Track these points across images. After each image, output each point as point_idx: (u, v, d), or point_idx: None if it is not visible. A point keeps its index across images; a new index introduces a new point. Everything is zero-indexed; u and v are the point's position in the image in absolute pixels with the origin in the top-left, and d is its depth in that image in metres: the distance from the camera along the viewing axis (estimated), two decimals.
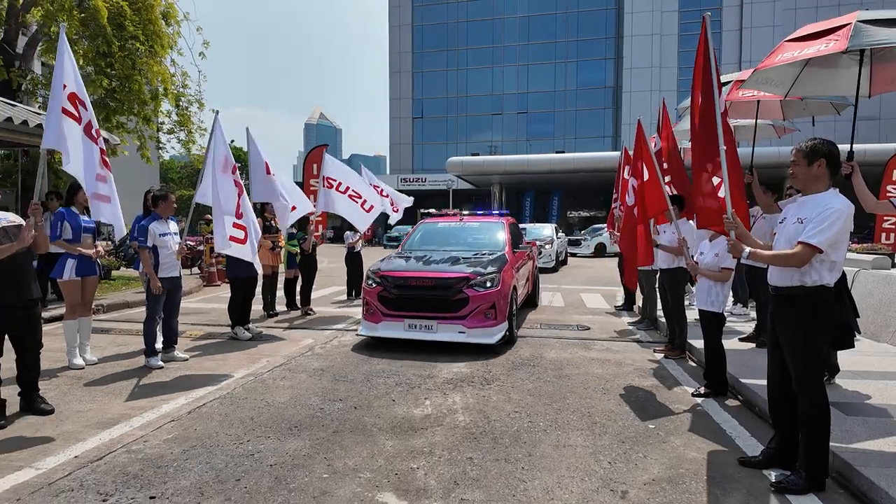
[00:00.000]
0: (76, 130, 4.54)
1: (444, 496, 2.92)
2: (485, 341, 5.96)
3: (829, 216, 2.78)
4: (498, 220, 8.33)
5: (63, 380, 5.07)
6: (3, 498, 2.87)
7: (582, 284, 13.41)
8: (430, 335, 6.06)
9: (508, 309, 6.30)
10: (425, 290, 6.16)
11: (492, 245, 7.52)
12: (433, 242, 7.91)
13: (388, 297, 6.30)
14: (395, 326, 6.22)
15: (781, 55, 4.07)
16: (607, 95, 46.92)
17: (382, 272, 6.46)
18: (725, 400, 4.55)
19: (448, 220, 8.64)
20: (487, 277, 6.13)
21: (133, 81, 11.91)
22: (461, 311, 6.01)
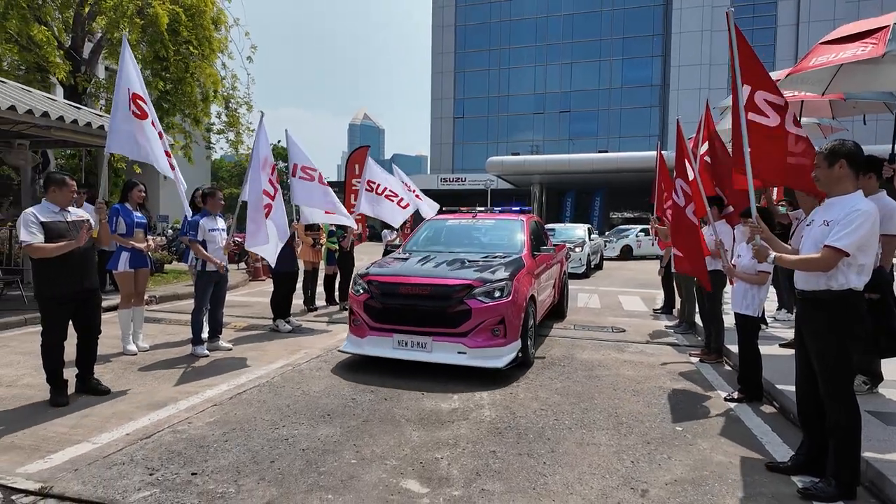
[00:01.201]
0: (145, 126, 4.88)
1: (465, 486, 3.01)
2: (490, 365, 4.88)
3: (855, 218, 2.73)
4: (516, 218, 7.20)
5: (117, 364, 5.44)
6: (63, 468, 3.15)
7: (621, 286, 13.20)
8: (423, 355, 5.02)
9: (523, 324, 5.22)
10: (419, 300, 5.10)
11: (507, 246, 6.42)
12: (440, 242, 6.88)
13: (375, 307, 5.24)
14: (382, 343, 5.20)
15: (816, 59, 3.95)
16: (654, 94, 45.78)
17: (370, 276, 5.41)
18: (760, 406, 4.45)
19: (459, 218, 7.54)
20: (496, 286, 5.06)
21: (186, 84, 12.53)
22: (462, 326, 4.95)
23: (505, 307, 5.00)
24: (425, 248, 6.64)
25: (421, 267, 5.52)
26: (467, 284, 5.04)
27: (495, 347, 4.96)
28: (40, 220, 4.11)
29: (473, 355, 4.92)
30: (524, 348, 5.25)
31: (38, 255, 4.08)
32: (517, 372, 5.31)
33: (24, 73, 12.11)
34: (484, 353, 4.93)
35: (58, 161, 14.17)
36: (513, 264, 5.56)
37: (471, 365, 4.89)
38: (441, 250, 6.41)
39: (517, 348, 5.11)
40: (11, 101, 7.37)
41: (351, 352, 5.39)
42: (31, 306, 7.84)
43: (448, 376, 5.11)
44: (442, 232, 7.22)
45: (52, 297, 4.19)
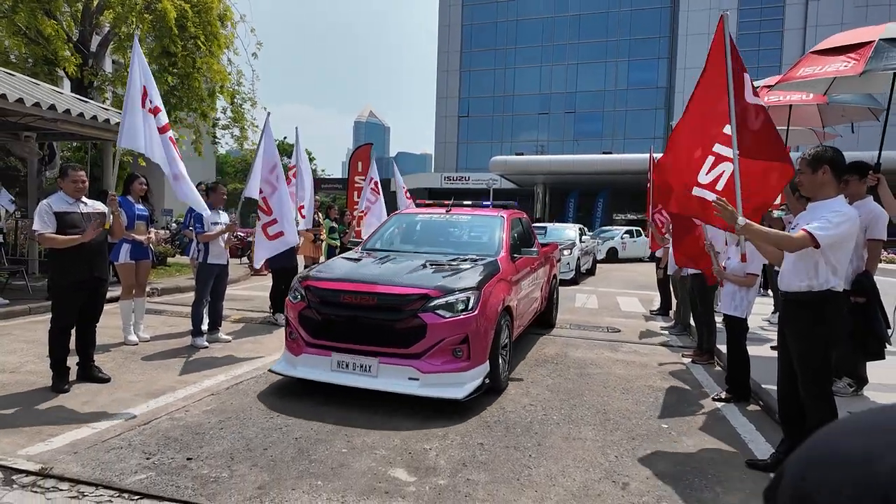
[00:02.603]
0: (152, 121, 4.96)
1: (451, 475, 3.10)
2: (446, 395, 3.96)
3: (836, 218, 2.81)
4: (496, 214, 6.12)
5: (118, 353, 5.56)
6: (63, 451, 3.26)
7: (620, 288, 13.26)
8: (366, 380, 4.10)
9: (493, 343, 4.35)
10: (364, 312, 4.20)
11: (482, 247, 5.52)
12: (404, 241, 5.97)
13: (313, 319, 4.34)
14: (318, 363, 4.30)
15: (804, 69, 4.03)
16: (659, 96, 45.72)
17: (309, 281, 4.52)
18: (747, 406, 4.52)
19: (430, 212, 6.44)
20: (459, 296, 4.16)
21: (193, 79, 12.65)
22: (415, 345, 4.04)
23: (469, 323, 4.10)
24: (387, 248, 5.69)
25: (372, 271, 4.63)
26: (422, 294, 4.12)
27: (455, 373, 4.05)
28: (54, 211, 4.24)
29: (427, 383, 4.00)
30: (493, 372, 4.35)
31: (47, 244, 4.22)
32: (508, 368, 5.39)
33: (32, 66, 12.25)
34: (440, 380, 4.02)
35: (64, 153, 14.31)
36: (485, 269, 4.66)
37: (422, 395, 3.97)
38: (404, 250, 5.60)
39: (484, 373, 4.22)
40: (19, 93, 7.49)
41: (282, 373, 4.46)
42: (35, 296, 7.97)
43: None
44: (408, 228, 6.26)
45: (65, 285, 4.35)
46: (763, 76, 5.52)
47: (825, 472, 0.40)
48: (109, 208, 4.62)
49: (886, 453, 0.38)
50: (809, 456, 0.43)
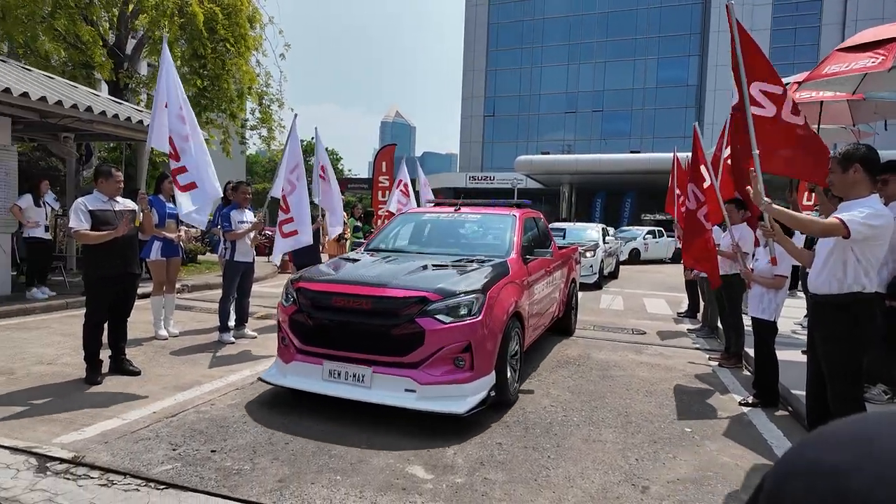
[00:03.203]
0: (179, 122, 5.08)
1: (468, 473, 3.11)
2: (446, 410, 3.62)
3: (873, 215, 2.71)
4: (507, 213, 5.73)
5: (149, 348, 5.73)
6: (94, 440, 3.38)
7: (647, 289, 13.05)
8: (359, 391, 3.79)
9: (500, 351, 3.98)
10: (357, 316, 3.89)
11: (491, 248, 5.21)
12: (410, 241, 5.73)
13: (304, 324, 4.04)
14: (309, 372, 4.01)
15: (830, 67, 3.91)
16: (689, 94, 44.79)
17: (301, 283, 4.24)
18: (775, 411, 4.41)
19: (438, 212, 6.16)
20: (461, 300, 3.83)
21: (223, 81, 12.92)
22: (412, 353, 3.71)
23: (473, 329, 3.76)
24: (391, 248, 5.48)
25: (368, 272, 4.33)
26: (420, 297, 3.78)
27: (456, 384, 3.71)
28: (89, 209, 4.42)
29: (425, 395, 3.67)
30: (500, 384, 3.99)
31: (82, 240, 4.42)
32: (529, 370, 5.37)
33: (71, 70, 12.71)
34: (440, 393, 3.68)
35: (100, 153, 14.81)
36: (492, 271, 4.33)
37: (420, 409, 3.63)
38: (408, 251, 5.34)
39: (489, 385, 3.86)
40: (59, 95, 7.79)
41: (271, 382, 4.15)
42: (72, 291, 8.28)
43: None
44: (414, 228, 5.96)
45: (98, 279, 4.53)
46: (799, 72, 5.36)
47: (798, 484, 0.40)
48: (139, 206, 4.77)
49: (858, 465, 0.37)
50: (784, 468, 0.43)
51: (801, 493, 0.39)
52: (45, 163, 15.12)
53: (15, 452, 3.15)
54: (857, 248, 2.77)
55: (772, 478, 0.44)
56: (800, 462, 0.42)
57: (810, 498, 0.39)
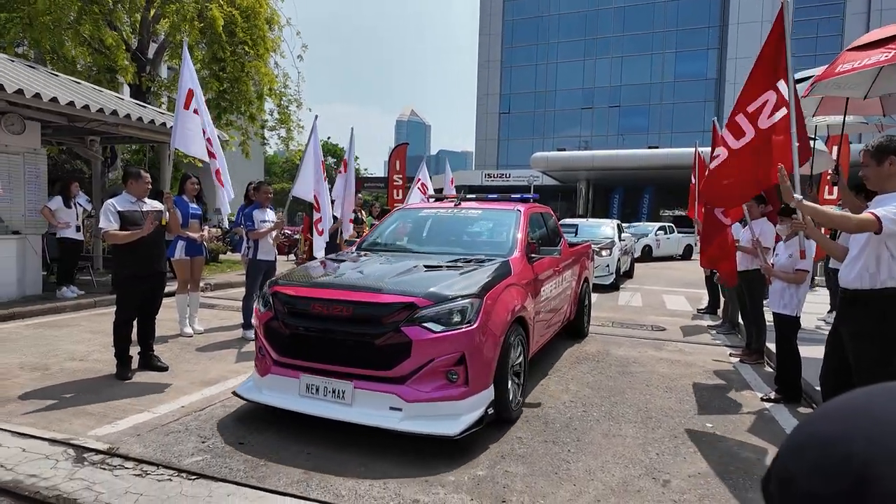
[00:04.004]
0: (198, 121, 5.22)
1: (489, 467, 3.16)
2: (435, 431, 3.22)
3: None
4: (511, 208, 5.27)
5: (175, 344, 5.88)
6: (127, 433, 3.50)
7: (665, 286, 12.94)
8: (339, 409, 3.40)
9: (499, 362, 3.58)
10: (337, 324, 3.49)
11: (491, 246, 4.88)
12: (406, 239, 5.35)
13: (280, 333, 3.66)
14: (285, 386, 3.62)
15: (842, 66, 3.86)
16: (708, 87, 44.15)
17: (277, 286, 3.84)
18: (798, 407, 4.37)
19: (437, 207, 5.74)
20: (453, 305, 3.41)
21: (242, 83, 13.12)
22: (398, 366, 3.32)
23: (467, 338, 3.34)
24: (385, 247, 5.15)
25: (353, 274, 3.97)
26: (407, 303, 3.37)
27: (449, 401, 3.30)
28: (117, 210, 4.57)
29: (412, 414, 3.27)
30: (500, 399, 3.58)
31: (111, 240, 4.57)
32: (547, 366, 5.40)
33: (96, 74, 13.02)
34: (429, 411, 3.29)
35: (124, 156, 15.15)
36: (491, 272, 3.92)
37: (406, 431, 3.22)
38: (404, 249, 5.03)
39: (486, 401, 3.45)
40: (85, 100, 8.00)
41: (245, 397, 3.77)
42: (100, 290, 8.50)
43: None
44: (410, 225, 5.58)
45: (127, 278, 4.68)
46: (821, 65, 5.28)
47: (805, 456, 0.44)
48: (165, 206, 4.91)
49: (860, 435, 0.41)
50: (793, 442, 0.46)
51: (811, 464, 0.43)
52: (71, 165, 15.51)
53: (53, 444, 3.28)
54: (892, 244, 2.74)
55: (782, 452, 0.47)
56: (807, 436, 0.46)
57: (819, 467, 0.42)
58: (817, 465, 0.42)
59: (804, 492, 0.42)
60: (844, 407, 0.45)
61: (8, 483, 2.82)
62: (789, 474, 0.44)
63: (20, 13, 11.06)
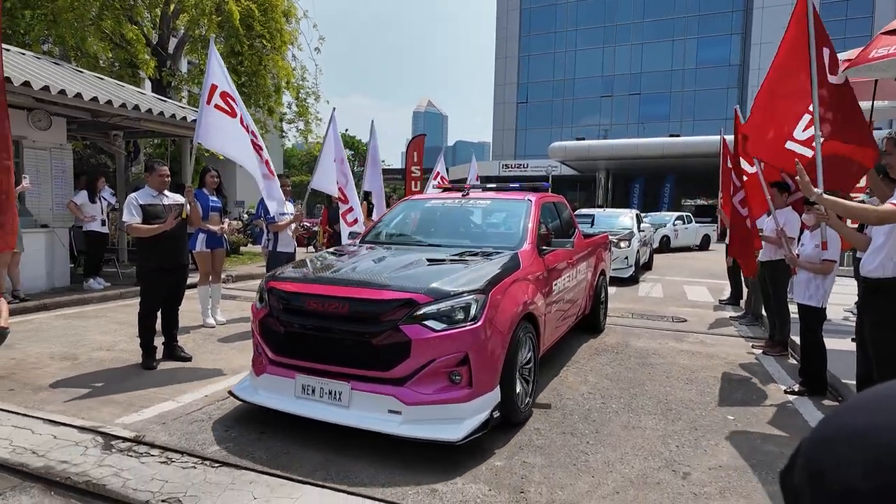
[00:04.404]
0: (231, 124, 5.22)
1: (507, 458, 3.16)
2: (437, 437, 3.05)
3: None
4: (521, 197, 5.00)
5: (198, 335, 5.99)
6: (152, 421, 3.59)
7: (687, 276, 12.76)
8: (335, 412, 3.26)
9: (507, 362, 3.40)
10: (334, 322, 3.34)
11: (499, 238, 4.68)
12: (411, 231, 5.13)
13: (275, 331, 3.53)
14: (280, 387, 3.49)
15: (876, 50, 3.74)
16: (732, 74, 43.13)
17: (273, 282, 3.70)
18: (822, 400, 4.29)
19: (444, 198, 5.46)
20: (455, 301, 3.23)
21: (260, 77, 13.24)
22: (397, 367, 3.16)
23: (471, 337, 3.17)
24: (387, 240, 4.94)
25: (352, 269, 3.76)
26: (406, 300, 3.20)
27: (451, 404, 3.13)
28: (140, 203, 4.65)
29: (411, 418, 3.11)
30: (507, 401, 3.39)
31: (134, 234, 4.68)
32: (565, 357, 5.37)
33: (118, 70, 13.24)
34: (430, 415, 3.13)
35: (146, 150, 15.40)
36: (498, 266, 3.74)
37: (405, 436, 3.07)
38: (408, 242, 4.81)
39: (492, 403, 3.26)
40: (109, 95, 8.14)
41: (240, 397, 3.62)
42: (125, 282, 8.70)
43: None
44: (415, 217, 5.36)
45: (151, 270, 4.79)
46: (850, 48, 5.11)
47: (834, 448, 0.42)
48: (186, 199, 4.98)
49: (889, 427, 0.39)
50: (820, 434, 0.45)
51: (841, 457, 0.42)
52: (96, 160, 15.83)
53: (83, 431, 3.38)
54: None
55: (808, 445, 0.46)
56: (838, 427, 0.44)
57: (851, 460, 0.41)
58: (853, 458, 0.41)
59: (841, 486, 0.41)
60: (874, 398, 0.44)
61: (40, 469, 2.91)
62: (818, 467, 0.43)
63: (44, 10, 11.28)
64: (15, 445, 3.17)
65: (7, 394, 4.05)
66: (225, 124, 5.16)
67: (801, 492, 0.44)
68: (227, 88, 5.20)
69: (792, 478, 0.46)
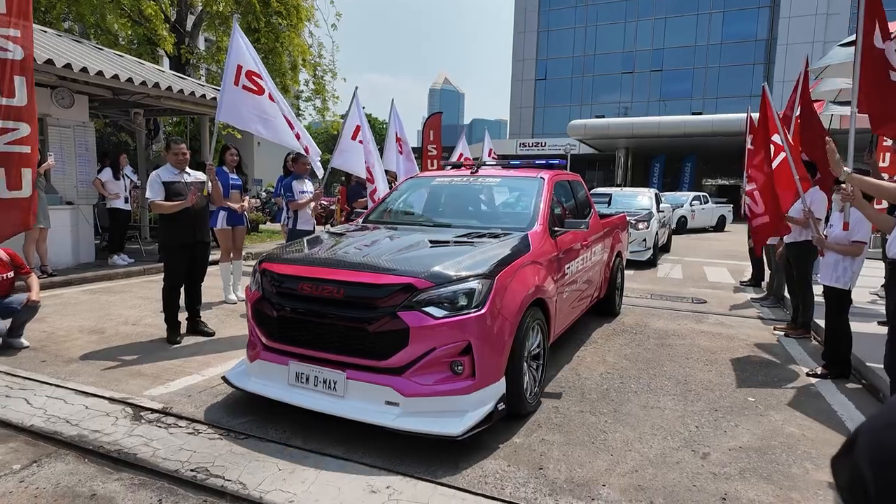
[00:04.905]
0: (259, 101, 5.22)
1: (525, 435, 3.19)
2: (436, 431, 2.88)
3: None
4: (533, 175, 4.75)
5: (220, 311, 6.10)
6: (179, 393, 3.68)
7: (707, 257, 12.59)
8: (330, 402, 3.10)
9: (512, 352, 3.20)
10: (328, 307, 3.14)
11: (509, 218, 4.48)
12: (415, 210, 4.93)
13: (268, 316, 3.35)
14: (273, 374, 3.35)
15: None
16: (758, 49, 41.77)
17: (267, 263, 3.53)
18: (846, 383, 4.23)
19: (451, 175, 5.16)
20: (457, 287, 3.04)
21: (276, 54, 13.17)
22: (395, 356, 2.98)
23: (474, 325, 2.97)
24: (391, 220, 4.69)
25: (349, 250, 3.55)
26: (404, 284, 3.01)
27: (452, 396, 2.97)
28: (162, 181, 4.71)
29: (410, 410, 2.96)
30: (513, 392, 3.22)
31: (157, 210, 4.75)
32: (583, 337, 5.37)
33: (137, 47, 13.28)
34: (430, 407, 2.97)
35: (166, 128, 15.51)
36: (506, 248, 3.53)
37: (402, 430, 2.89)
38: (412, 222, 4.61)
39: (497, 395, 3.09)
40: (129, 73, 8.19)
41: (234, 383, 3.49)
42: (147, 258, 8.86)
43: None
44: (421, 195, 5.13)
45: (174, 247, 4.86)
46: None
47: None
48: (207, 177, 5.03)
49: None
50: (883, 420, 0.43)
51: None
52: (117, 138, 16.00)
53: (113, 402, 3.49)
54: None
55: (873, 431, 0.44)
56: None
57: None
58: None
59: None
60: None
61: (73, 437, 3.02)
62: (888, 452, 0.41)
63: None
64: (49, 415, 3.29)
65: (40, 365, 4.18)
66: (252, 102, 5.16)
67: (862, 476, 0.43)
68: (254, 66, 5.19)
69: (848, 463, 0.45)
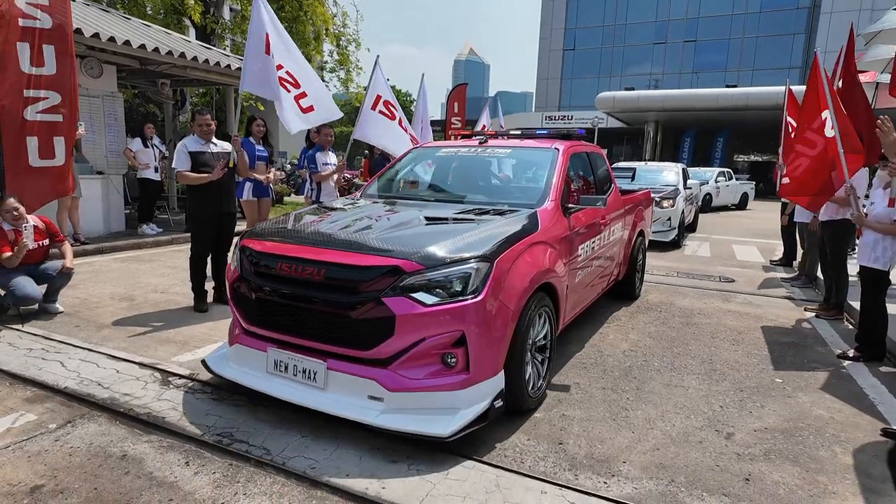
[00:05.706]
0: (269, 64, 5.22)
1: (546, 409, 3.19)
2: (422, 431, 2.59)
3: None
4: (547, 145, 4.34)
5: None
6: None
7: (736, 235, 12.27)
8: (310, 394, 2.84)
9: (513, 341, 2.88)
10: (308, 289, 2.84)
11: (518, 193, 4.04)
12: (416, 184, 4.64)
13: (247, 297, 3.09)
14: (252, 360, 3.12)
15: None
16: (799, 18, 39.79)
17: (247, 239, 3.27)
18: (879, 366, 4.11)
19: (459, 145, 4.67)
20: (452, 270, 2.72)
21: (300, 23, 13.05)
22: (380, 346, 2.69)
23: (469, 313, 2.65)
24: (392, 193, 4.39)
25: (335, 227, 3.23)
26: (391, 266, 2.70)
27: (443, 391, 2.68)
28: (189, 151, 4.76)
29: (394, 406, 2.68)
30: (513, 387, 2.92)
31: (183, 181, 4.82)
32: (607, 313, 5.30)
33: (163, 17, 13.29)
34: (418, 403, 2.69)
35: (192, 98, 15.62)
36: (511, 226, 3.17)
37: (384, 428, 2.63)
38: (414, 196, 4.29)
39: (494, 390, 2.79)
40: (155, 42, 8.21)
41: (212, 369, 3.27)
42: (175, 228, 9.03)
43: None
44: (425, 167, 4.77)
45: (201, 217, 4.95)
46: None
47: None
48: (233, 148, 5.05)
49: None
50: None
51: None
52: (145, 109, 16.19)
53: (142, 367, 3.59)
54: None
55: None
56: None
57: None
58: None
59: None
60: None
61: (105, 400, 3.12)
62: None
63: None
64: (82, 377, 3.40)
65: (73, 329, 4.32)
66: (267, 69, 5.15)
67: None
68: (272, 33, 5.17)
69: None
